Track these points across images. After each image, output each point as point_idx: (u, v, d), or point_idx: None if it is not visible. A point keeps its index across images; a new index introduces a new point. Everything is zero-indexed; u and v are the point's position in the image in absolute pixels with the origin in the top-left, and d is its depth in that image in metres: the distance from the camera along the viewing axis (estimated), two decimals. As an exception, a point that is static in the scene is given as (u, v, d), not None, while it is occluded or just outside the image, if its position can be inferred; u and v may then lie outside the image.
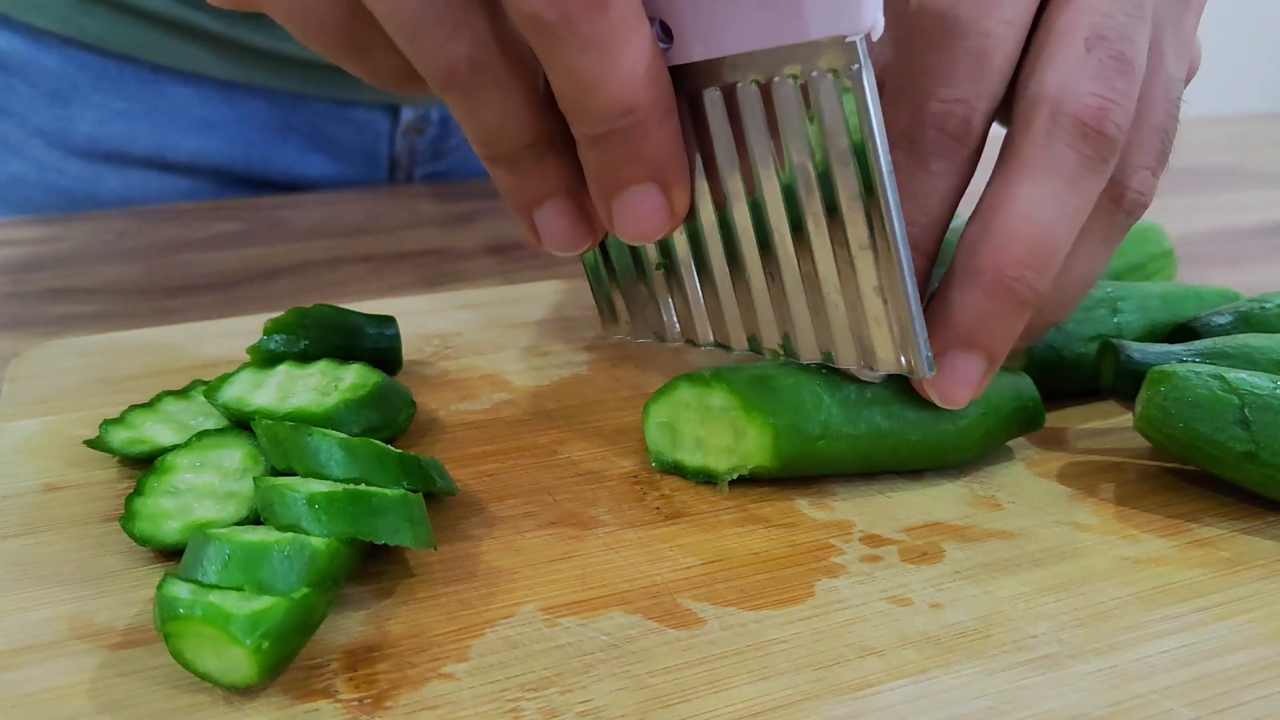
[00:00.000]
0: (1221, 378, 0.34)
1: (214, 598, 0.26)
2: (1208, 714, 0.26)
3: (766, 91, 0.29)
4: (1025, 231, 0.32)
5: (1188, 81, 0.37)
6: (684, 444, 0.35)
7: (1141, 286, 0.44)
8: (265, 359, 0.40)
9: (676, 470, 0.36)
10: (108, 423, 0.37)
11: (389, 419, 0.37)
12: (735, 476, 0.35)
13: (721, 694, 0.27)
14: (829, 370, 0.34)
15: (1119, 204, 0.35)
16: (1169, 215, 0.60)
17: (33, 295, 0.53)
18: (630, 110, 0.27)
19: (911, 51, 0.34)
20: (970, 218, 0.33)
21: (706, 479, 0.35)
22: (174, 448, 0.35)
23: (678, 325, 0.37)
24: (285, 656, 0.27)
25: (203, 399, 0.38)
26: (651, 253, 0.35)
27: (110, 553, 0.32)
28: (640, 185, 0.29)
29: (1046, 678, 0.27)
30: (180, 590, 0.27)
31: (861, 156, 0.29)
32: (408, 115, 0.73)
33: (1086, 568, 0.32)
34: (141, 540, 0.31)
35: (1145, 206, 0.35)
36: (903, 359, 0.31)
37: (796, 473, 0.35)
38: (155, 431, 0.37)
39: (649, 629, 0.29)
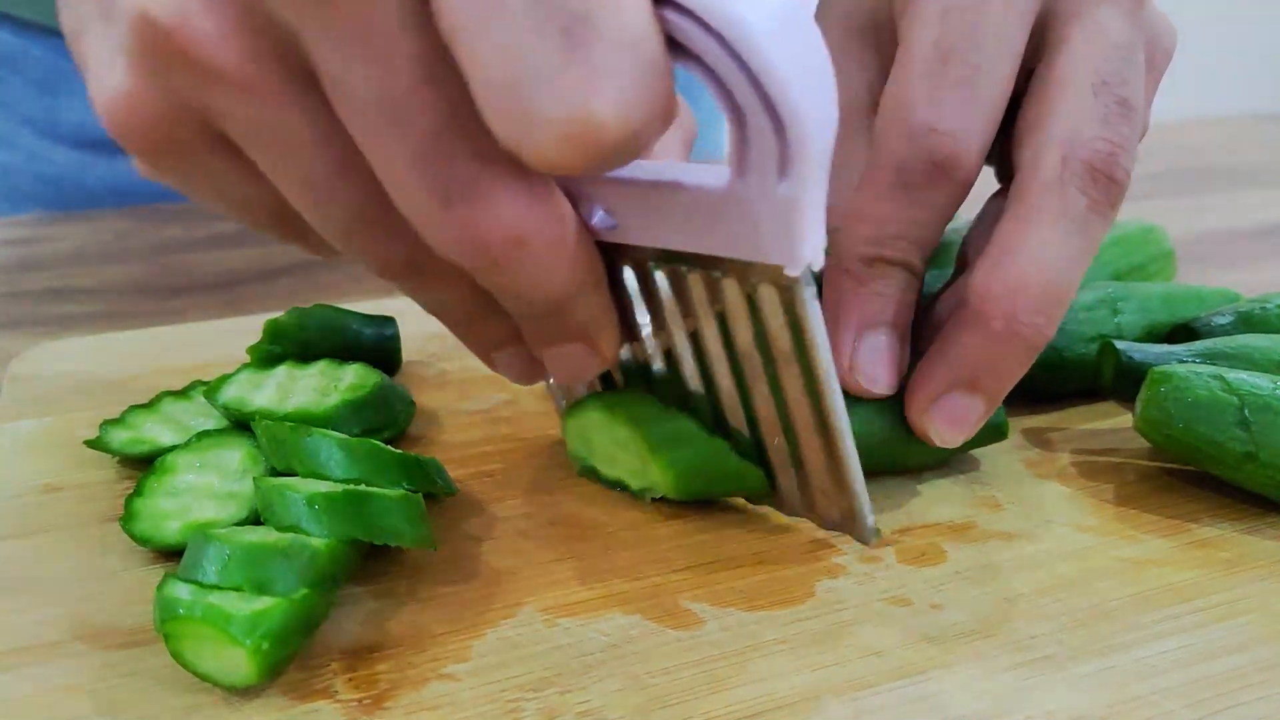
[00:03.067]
0: (1221, 378, 0.34)
1: (214, 598, 0.26)
2: (1208, 714, 0.26)
3: (711, 284, 0.29)
4: (1037, 277, 0.32)
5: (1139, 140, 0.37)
6: (598, 455, 0.35)
7: (1142, 287, 0.44)
8: (265, 359, 0.40)
9: (594, 475, 0.36)
10: (108, 423, 0.37)
11: (389, 419, 0.37)
12: (651, 498, 0.34)
13: (721, 694, 0.27)
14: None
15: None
16: (1169, 216, 0.60)
17: (32, 295, 0.53)
18: (556, 302, 0.27)
19: (902, 78, 0.34)
20: (980, 259, 0.33)
21: (622, 489, 0.35)
22: (174, 448, 0.35)
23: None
24: (285, 657, 0.27)
25: (203, 399, 0.38)
26: (615, 371, 0.35)
27: (110, 553, 0.32)
28: (569, 344, 0.29)
29: (1046, 678, 0.27)
30: (180, 591, 0.27)
31: (805, 362, 0.29)
32: None
33: (1086, 568, 0.32)
34: (141, 541, 0.31)
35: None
36: (845, 523, 0.32)
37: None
38: (155, 432, 0.37)
39: (649, 629, 0.29)
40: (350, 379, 0.38)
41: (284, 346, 0.40)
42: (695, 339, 0.31)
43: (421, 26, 0.22)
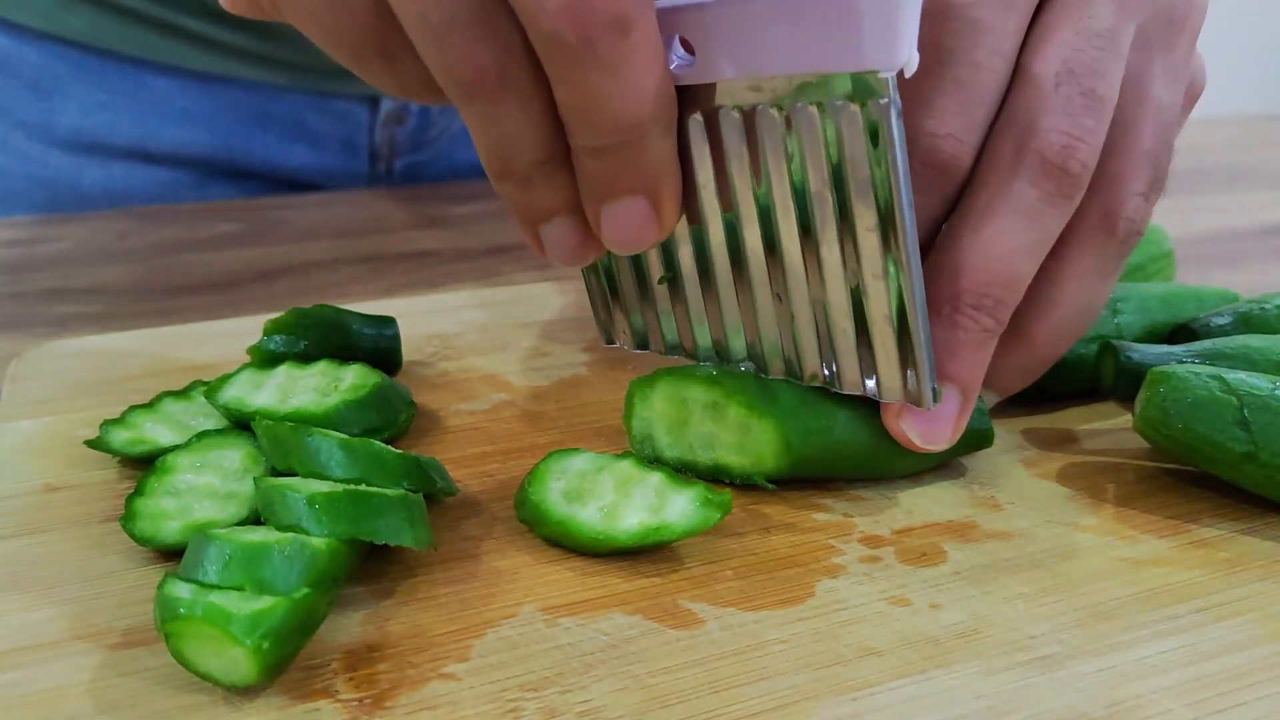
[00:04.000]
0: (1221, 379, 0.34)
1: (214, 598, 0.26)
2: (1207, 714, 0.26)
3: (787, 116, 0.29)
4: (983, 265, 0.32)
5: (1194, 100, 0.37)
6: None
7: (1141, 287, 0.44)
8: (265, 359, 0.40)
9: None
10: (108, 423, 0.37)
11: (389, 419, 0.37)
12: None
13: (721, 694, 0.27)
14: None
15: (1112, 234, 0.35)
16: (1169, 216, 0.60)
17: (32, 295, 0.54)
18: (633, 127, 0.27)
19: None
20: (932, 251, 0.34)
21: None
22: (174, 448, 0.35)
23: (678, 338, 0.36)
24: (285, 657, 0.27)
25: (203, 399, 0.38)
26: (655, 265, 0.35)
27: (110, 553, 0.32)
28: (630, 196, 0.29)
29: (1046, 678, 0.28)
30: (181, 590, 0.27)
31: (884, 189, 0.29)
32: (388, 106, 0.73)
33: (1086, 568, 0.32)
34: (142, 540, 0.31)
35: (1140, 234, 0.35)
36: (908, 388, 0.32)
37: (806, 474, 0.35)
38: (155, 432, 0.37)
39: (649, 629, 0.29)
40: (350, 379, 0.38)
41: (284, 346, 0.40)
42: (758, 197, 0.31)
43: None
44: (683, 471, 0.36)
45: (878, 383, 0.32)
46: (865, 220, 0.29)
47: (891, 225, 0.29)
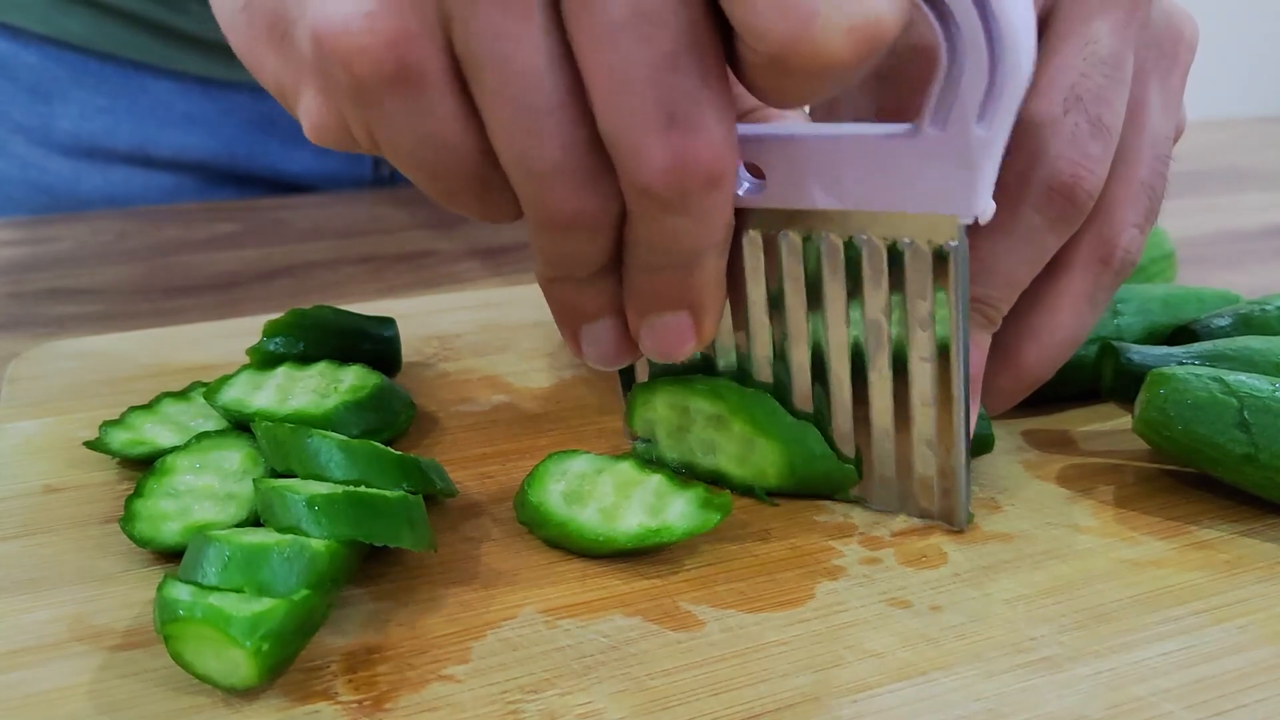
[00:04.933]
0: (1221, 380, 0.34)
1: (214, 599, 0.26)
2: (1207, 716, 0.26)
3: (849, 245, 0.30)
4: (984, 277, 0.33)
5: (1178, 137, 0.37)
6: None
7: (1142, 289, 0.44)
8: (265, 360, 0.40)
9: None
10: (107, 424, 0.37)
11: (388, 421, 0.37)
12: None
13: (721, 696, 0.27)
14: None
15: (1108, 263, 0.35)
16: (1170, 217, 0.60)
17: (32, 295, 0.53)
18: (695, 255, 0.27)
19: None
20: None
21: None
22: (174, 449, 0.35)
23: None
24: (285, 658, 0.27)
25: (202, 400, 0.38)
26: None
27: (110, 554, 0.32)
28: (674, 311, 0.29)
29: (1046, 680, 0.27)
30: (180, 592, 0.27)
31: (943, 325, 0.29)
32: None
33: (1086, 570, 0.32)
34: (141, 542, 0.31)
35: (1134, 264, 0.35)
36: (939, 510, 0.32)
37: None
38: (155, 433, 0.37)
39: (649, 631, 0.29)
40: (350, 380, 0.38)
41: (284, 347, 0.40)
42: (811, 316, 0.31)
43: None
44: (682, 472, 0.35)
45: (912, 502, 0.33)
46: (920, 351, 0.30)
47: (946, 359, 0.30)
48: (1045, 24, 0.34)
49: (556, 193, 0.26)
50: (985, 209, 0.27)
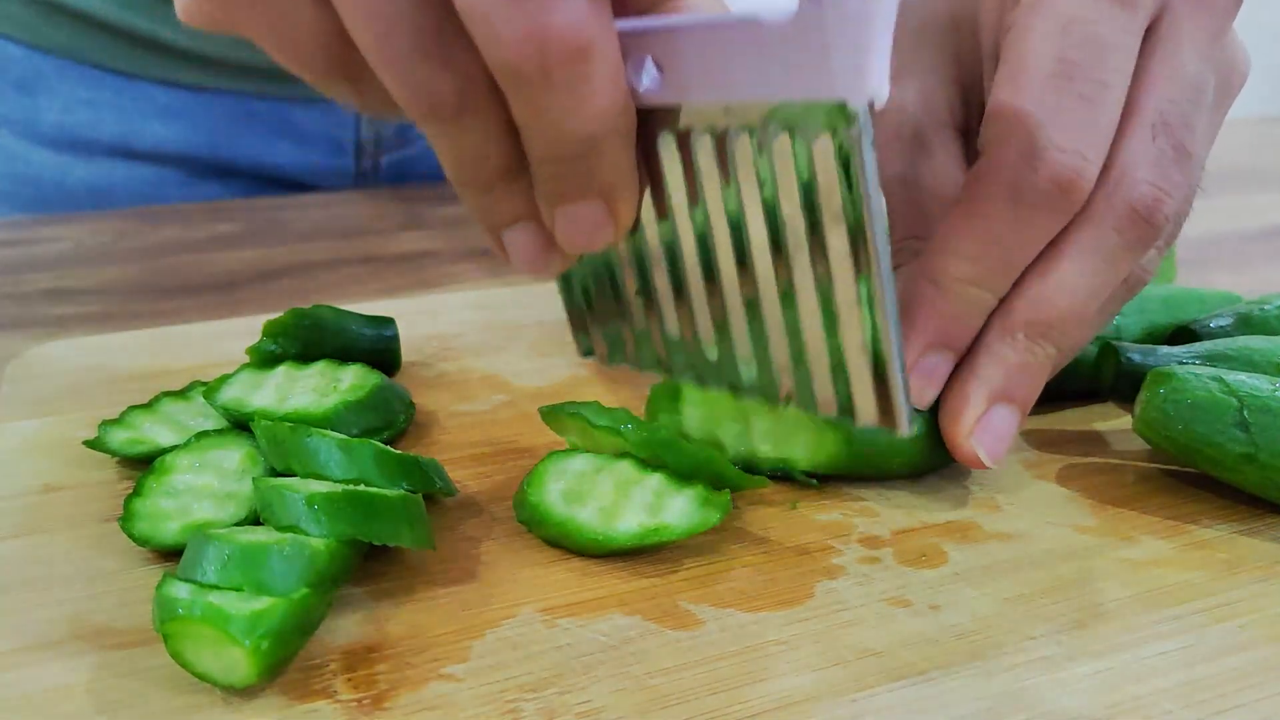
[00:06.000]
0: (1221, 380, 0.34)
1: (213, 598, 0.26)
2: (1206, 716, 0.26)
3: (759, 140, 0.29)
4: (1059, 301, 0.33)
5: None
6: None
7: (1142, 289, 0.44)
8: (264, 360, 0.40)
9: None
10: (107, 423, 0.37)
11: (388, 420, 0.37)
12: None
13: (721, 695, 0.27)
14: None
15: (1125, 281, 0.35)
16: (1168, 217, 0.60)
17: (32, 295, 0.53)
18: (588, 141, 0.27)
19: (1021, 90, 0.32)
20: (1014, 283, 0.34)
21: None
22: (173, 448, 0.35)
23: (653, 355, 0.36)
24: (284, 657, 0.27)
25: (202, 400, 0.38)
26: (630, 279, 0.35)
27: (109, 553, 0.32)
28: (585, 201, 0.29)
29: (1045, 679, 0.27)
30: (179, 590, 0.27)
31: (855, 219, 0.28)
32: None
33: (1085, 569, 0.32)
34: (140, 541, 0.31)
35: (1145, 284, 0.36)
36: (882, 415, 0.31)
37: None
38: (154, 432, 0.37)
39: (648, 630, 0.29)
40: (349, 380, 0.38)
41: (283, 347, 0.40)
42: (730, 218, 0.31)
43: None
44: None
45: (853, 409, 0.32)
46: (838, 248, 0.29)
47: (864, 254, 0.29)
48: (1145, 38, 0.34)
49: (413, 75, 0.26)
50: (879, 92, 0.26)
